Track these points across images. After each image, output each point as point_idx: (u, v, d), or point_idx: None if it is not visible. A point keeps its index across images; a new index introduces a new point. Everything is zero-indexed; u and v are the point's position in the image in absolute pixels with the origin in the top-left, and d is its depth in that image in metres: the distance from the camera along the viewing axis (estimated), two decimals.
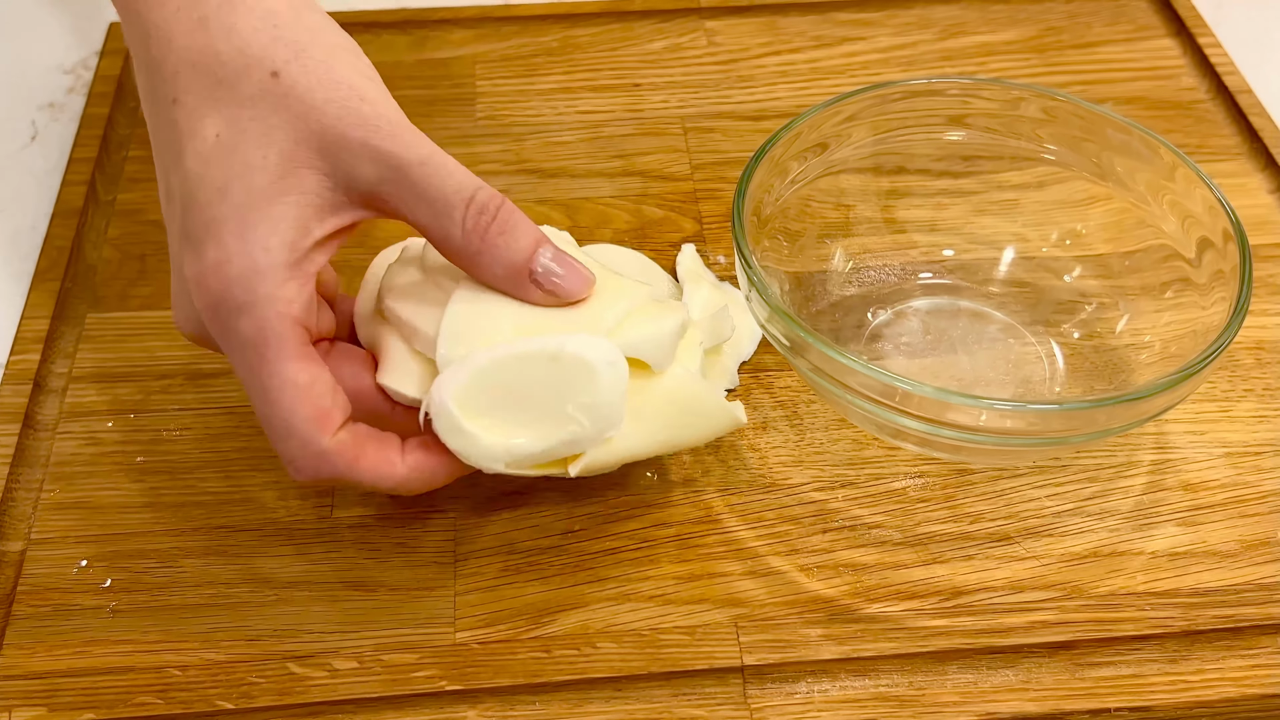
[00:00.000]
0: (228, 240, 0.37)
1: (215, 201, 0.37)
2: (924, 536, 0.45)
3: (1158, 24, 0.66)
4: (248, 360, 0.37)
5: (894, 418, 0.42)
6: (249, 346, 0.37)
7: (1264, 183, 0.58)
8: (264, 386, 0.37)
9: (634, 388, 0.40)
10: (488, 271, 0.39)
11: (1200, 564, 0.44)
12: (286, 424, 0.37)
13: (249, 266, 0.37)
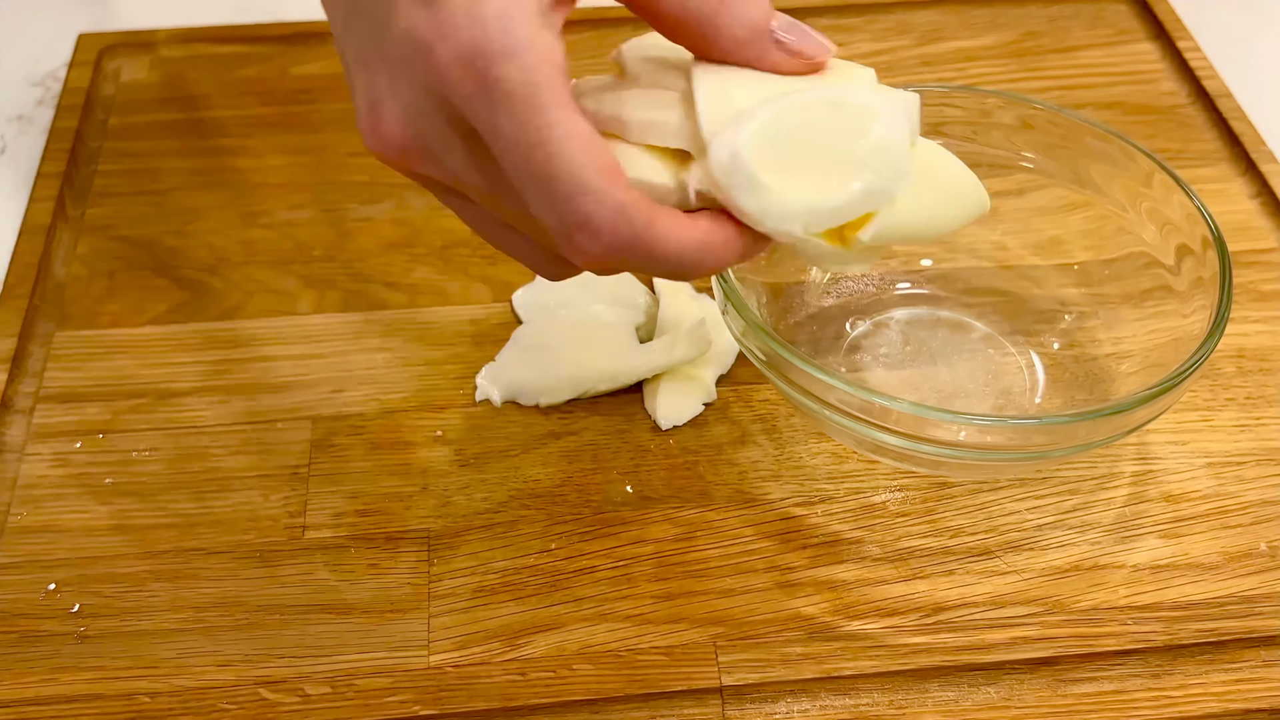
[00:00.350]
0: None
1: None
2: (904, 551, 0.45)
3: (1137, 28, 0.66)
4: (518, 114, 0.31)
5: (872, 433, 0.42)
6: (518, 98, 0.31)
7: (1244, 188, 0.58)
8: (543, 139, 0.31)
9: None
10: (726, 33, 0.34)
11: (1183, 576, 0.44)
12: (577, 177, 0.32)
13: (505, 7, 0.31)
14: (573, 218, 0.32)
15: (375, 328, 0.52)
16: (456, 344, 0.51)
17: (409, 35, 0.32)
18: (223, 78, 0.63)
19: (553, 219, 0.32)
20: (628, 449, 0.47)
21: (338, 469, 0.47)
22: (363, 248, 0.55)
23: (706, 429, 0.48)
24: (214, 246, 0.55)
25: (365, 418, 0.48)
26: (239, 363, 0.50)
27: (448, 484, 0.46)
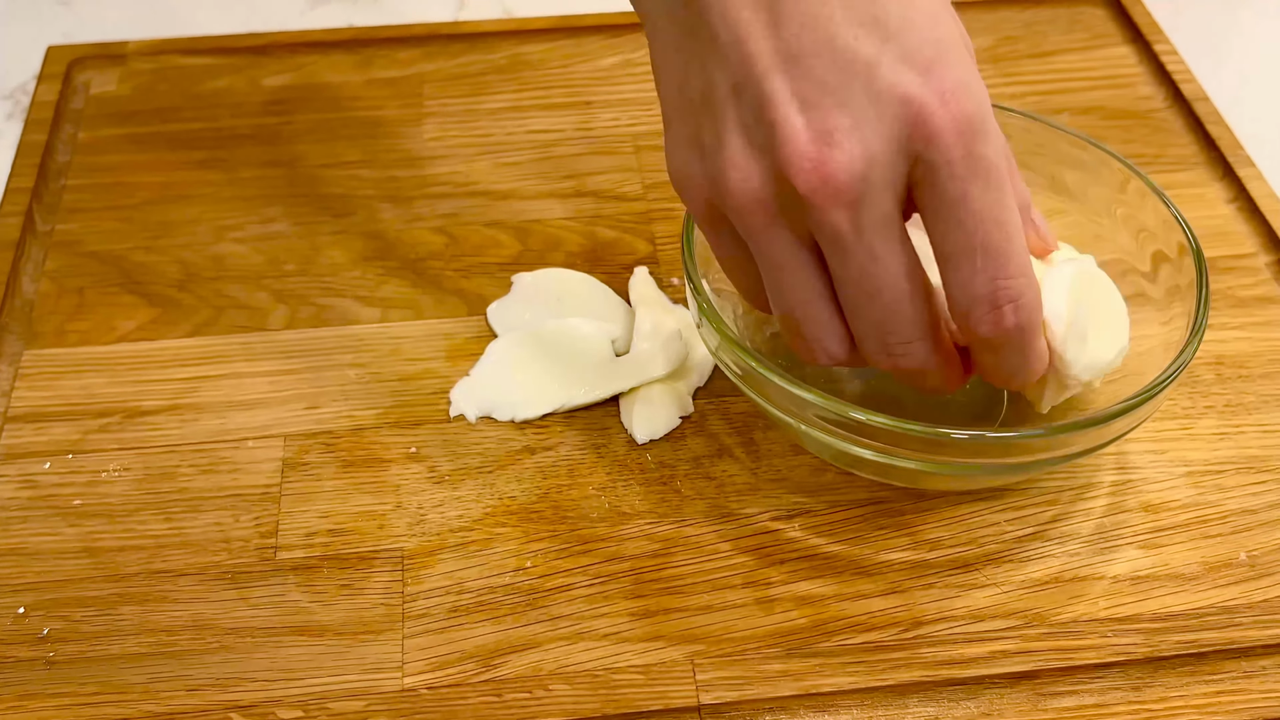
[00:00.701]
0: (965, 67, 0.36)
1: (935, 26, 0.35)
2: (883, 565, 0.44)
3: (1114, 31, 0.66)
4: (993, 189, 0.36)
5: (849, 447, 0.42)
6: (994, 174, 0.36)
7: (1222, 192, 0.58)
8: (1007, 219, 0.36)
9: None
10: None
11: (1162, 587, 0.44)
12: (1025, 259, 0.37)
13: (986, 96, 0.36)
14: (1007, 293, 0.36)
15: (348, 343, 0.51)
16: (430, 359, 0.50)
17: (899, 92, 0.35)
18: (193, 90, 0.62)
19: (985, 289, 0.36)
20: (604, 463, 0.47)
21: (310, 488, 0.46)
22: (335, 262, 0.54)
23: (683, 442, 0.48)
24: (185, 262, 0.54)
25: (337, 435, 0.48)
26: (209, 380, 0.50)
27: (422, 501, 0.46)
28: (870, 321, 0.38)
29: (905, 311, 0.38)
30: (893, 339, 0.38)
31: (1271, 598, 0.43)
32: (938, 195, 0.36)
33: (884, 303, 0.38)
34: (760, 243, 0.38)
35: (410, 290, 0.53)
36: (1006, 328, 0.37)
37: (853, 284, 0.38)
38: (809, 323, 0.39)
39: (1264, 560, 0.44)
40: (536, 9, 0.68)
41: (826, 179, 0.35)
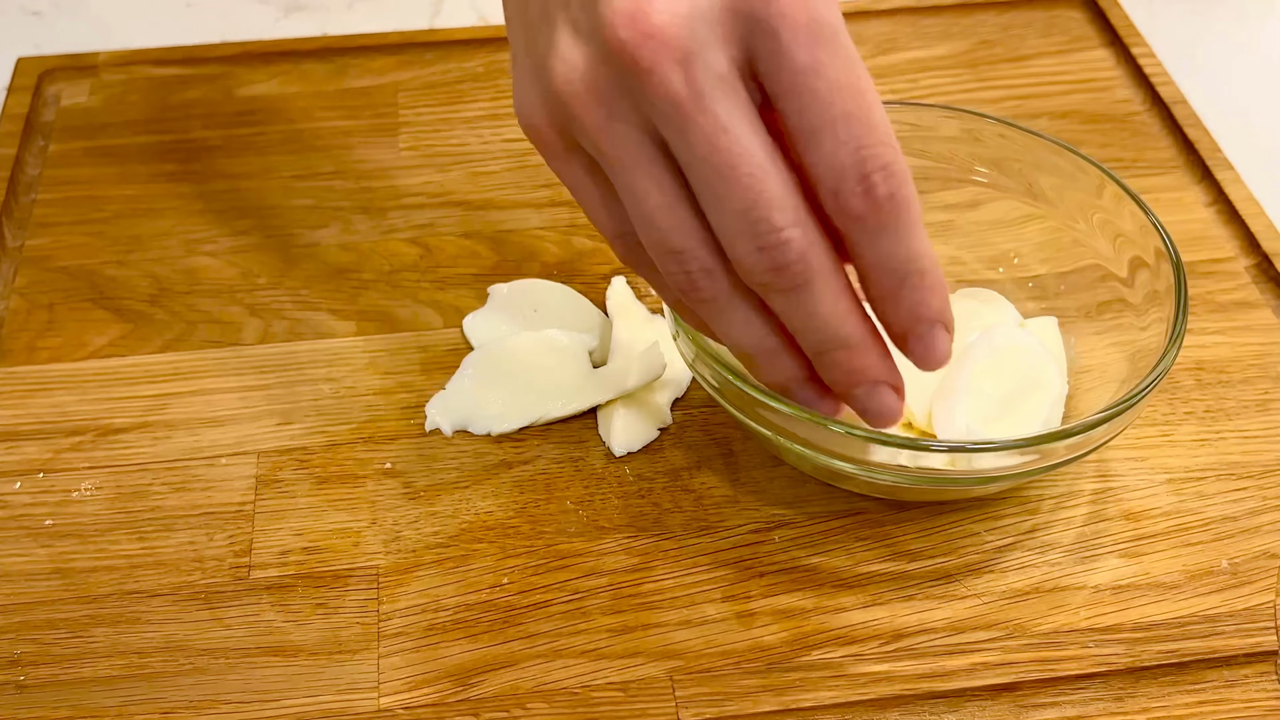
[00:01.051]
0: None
1: None
2: (863, 577, 0.44)
3: (1091, 35, 0.66)
4: (844, 55, 0.33)
5: (826, 460, 0.41)
6: (842, 40, 0.33)
7: (1200, 196, 0.57)
8: (864, 86, 0.33)
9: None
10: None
11: (1144, 596, 0.43)
12: (887, 128, 0.33)
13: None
14: (876, 161, 0.32)
15: (321, 357, 0.50)
16: (405, 372, 0.50)
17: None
18: (165, 101, 0.62)
19: (850, 159, 0.32)
20: (581, 477, 0.47)
21: (283, 505, 0.46)
22: (309, 274, 0.54)
23: (661, 454, 0.47)
24: (156, 276, 0.53)
25: (311, 451, 0.47)
26: (181, 397, 0.49)
27: (397, 518, 0.45)
28: (733, 211, 0.33)
29: (771, 190, 0.33)
30: (763, 228, 0.33)
31: (1253, 605, 0.43)
32: (786, 64, 0.32)
33: (742, 181, 0.33)
34: (604, 144, 0.34)
35: (385, 303, 0.52)
36: (878, 198, 0.33)
37: (702, 163, 0.33)
38: (672, 232, 0.34)
39: (1245, 568, 0.44)
40: None
41: (649, 34, 0.32)
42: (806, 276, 0.34)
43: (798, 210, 0.34)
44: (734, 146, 0.33)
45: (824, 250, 0.34)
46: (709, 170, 0.33)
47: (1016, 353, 0.44)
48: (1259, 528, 0.45)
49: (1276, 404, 0.49)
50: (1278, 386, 0.49)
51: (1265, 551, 0.44)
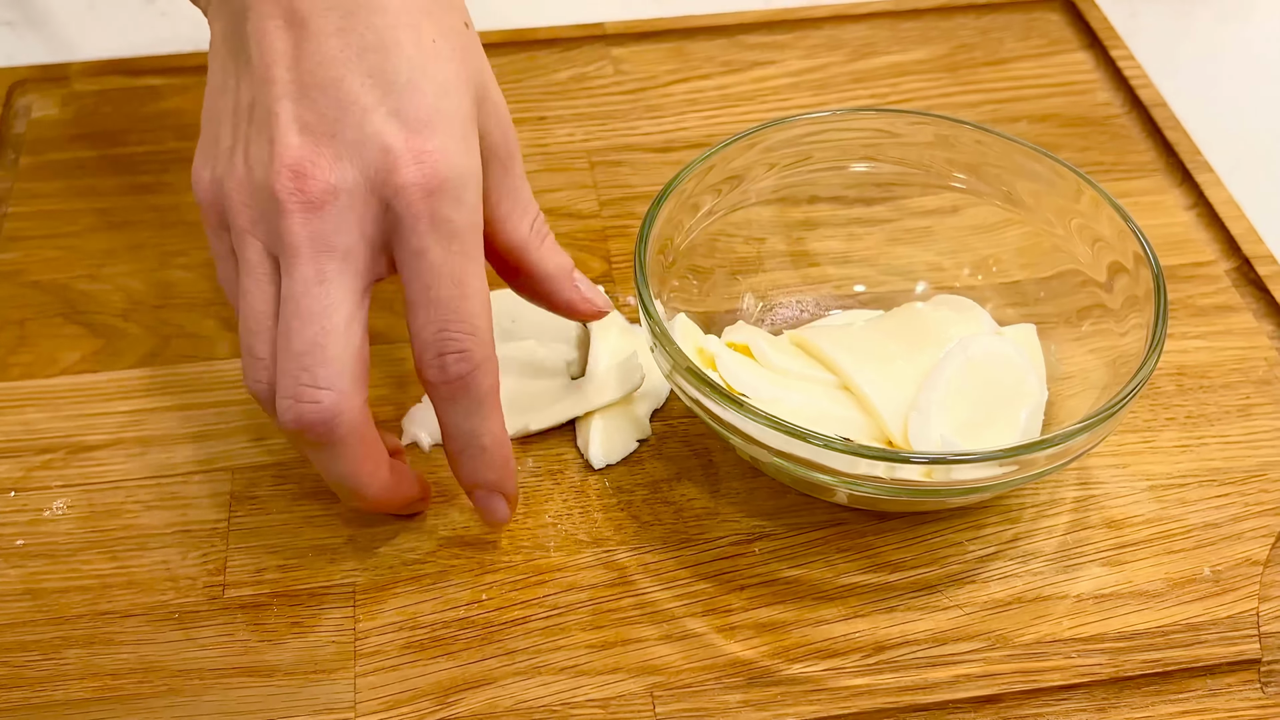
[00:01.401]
0: (454, 138, 0.38)
1: (440, 96, 0.39)
2: (844, 589, 0.44)
3: (1070, 37, 0.65)
4: (453, 246, 0.38)
5: (808, 474, 0.41)
6: (457, 234, 0.38)
7: (1181, 199, 0.57)
8: (464, 279, 0.38)
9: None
10: (539, 267, 0.44)
11: (1126, 605, 0.43)
12: (477, 316, 0.39)
13: (470, 169, 0.39)
14: (454, 343, 0.38)
15: None
16: (382, 385, 0.49)
17: (381, 140, 0.38)
18: (138, 112, 0.61)
19: (433, 336, 0.39)
20: (560, 491, 0.46)
21: (259, 522, 0.45)
22: None
23: (641, 467, 0.47)
24: (129, 290, 0.53)
25: (287, 467, 0.47)
26: (155, 413, 0.48)
27: (374, 534, 0.45)
28: (292, 351, 0.38)
29: (332, 350, 0.38)
30: (305, 377, 0.38)
31: (1236, 614, 0.43)
32: (403, 245, 0.38)
33: (310, 333, 0.38)
34: (240, 245, 0.39)
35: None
36: (449, 376, 0.39)
37: (290, 300, 0.38)
38: (248, 332, 0.39)
39: (1228, 575, 0.44)
40: (489, 23, 0.67)
41: (300, 189, 0.37)
42: (331, 438, 0.38)
43: (345, 377, 0.38)
44: (319, 300, 0.38)
45: (356, 417, 0.39)
46: (290, 310, 0.38)
47: (993, 361, 0.44)
48: (1241, 534, 0.45)
49: (1258, 409, 0.49)
50: (1259, 391, 0.49)
51: (1247, 558, 0.44)
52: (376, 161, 0.38)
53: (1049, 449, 0.40)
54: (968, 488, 0.41)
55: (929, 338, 0.45)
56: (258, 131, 0.39)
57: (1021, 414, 0.43)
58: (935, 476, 0.40)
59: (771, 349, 0.46)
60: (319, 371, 0.38)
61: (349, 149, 0.38)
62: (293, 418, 0.38)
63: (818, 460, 0.40)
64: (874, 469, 0.40)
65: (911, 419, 0.42)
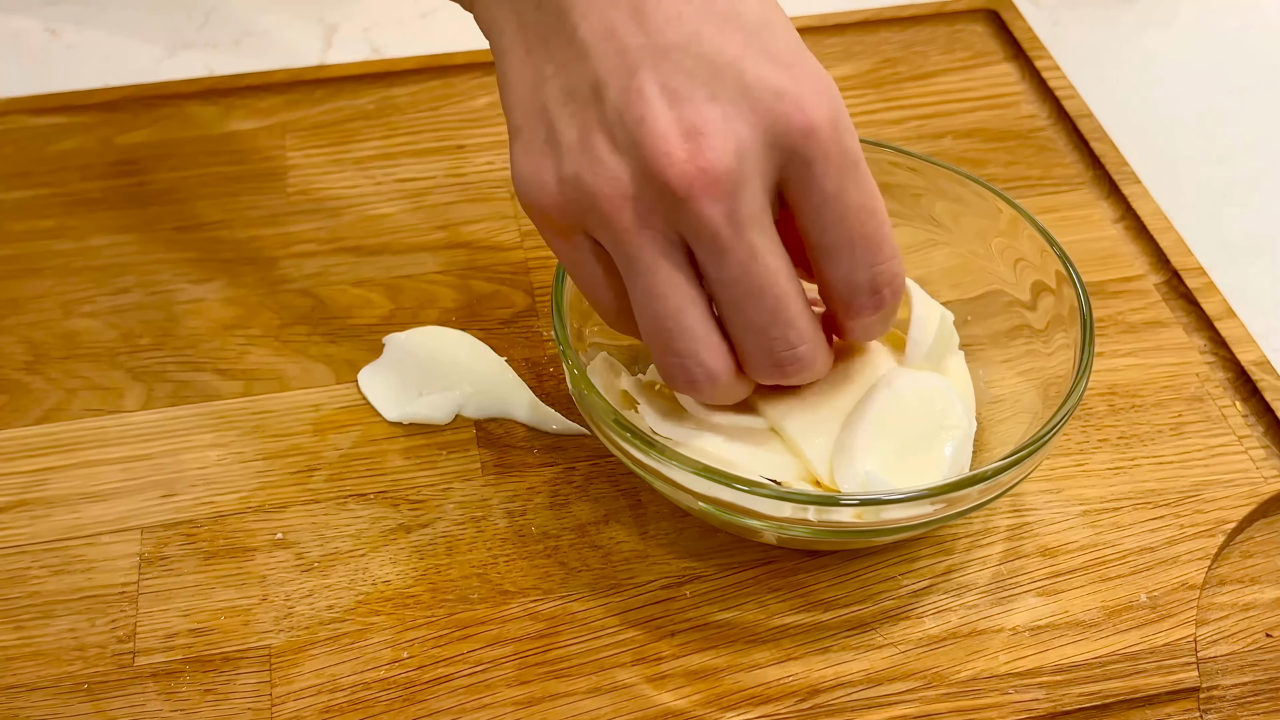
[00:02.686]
0: (819, 65, 0.37)
1: (789, 29, 0.37)
2: (777, 630, 0.42)
3: (995, 49, 0.65)
4: (864, 182, 0.37)
5: (735, 518, 0.40)
6: (863, 168, 0.37)
7: (1109, 212, 0.57)
8: (878, 208, 0.37)
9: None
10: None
11: (1063, 636, 0.42)
12: (891, 236, 0.38)
13: (839, 92, 0.37)
14: (886, 276, 0.38)
15: (208, 422, 0.48)
16: (296, 434, 0.48)
17: (771, 85, 0.35)
18: (41, 152, 0.59)
19: (865, 276, 0.37)
20: (484, 539, 0.45)
21: (169, 584, 0.43)
22: (194, 332, 0.51)
23: (567, 509, 0.46)
24: (32, 341, 0.51)
25: (198, 524, 0.45)
26: (60, 471, 0.46)
27: (289, 592, 0.43)
28: (755, 327, 0.37)
29: (791, 312, 0.37)
30: (779, 345, 0.37)
31: (1174, 640, 0.42)
32: (815, 190, 0.36)
33: (768, 304, 0.36)
34: (628, 246, 0.36)
35: (275, 359, 0.50)
36: (884, 301, 0.39)
37: (732, 285, 0.36)
38: (683, 335, 0.37)
39: (1165, 601, 0.43)
40: (407, 48, 0.66)
41: (702, 170, 0.34)
42: (803, 374, 0.39)
43: (809, 325, 0.38)
44: (763, 273, 0.36)
45: (822, 348, 0.39)
46: (738, 292, 0.36)
47: (919, 395, 0.43)
48: (1177, 558, 0.44)
49: (1190, 427, 0.48)
50: (1191, 409, 0.49)
51: (1184, 582, 0.44)
52: (773, 110, 0.35)
53: (978, 485, 0.39)
54: (897, 527, 0.40)
55: (857, 373, 0.44)
56: (616, 113, 0.35)
57: (949, 447, 0.42)
58: (865, 517, 0.39)
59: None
60: (789, 335, 0.37)
61: (735, 105, 0.35)
62: (775, 371, 0.38)
63: (743, 504, 0.39)
64: (802, 512, 0.39)
65: (836, 459, 0.41)
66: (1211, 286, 0.53)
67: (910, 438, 0.42)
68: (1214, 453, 0.47)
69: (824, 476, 0.41)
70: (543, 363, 0.50)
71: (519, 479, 0.46)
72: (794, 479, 0.42)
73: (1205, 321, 0.52)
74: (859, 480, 0.40)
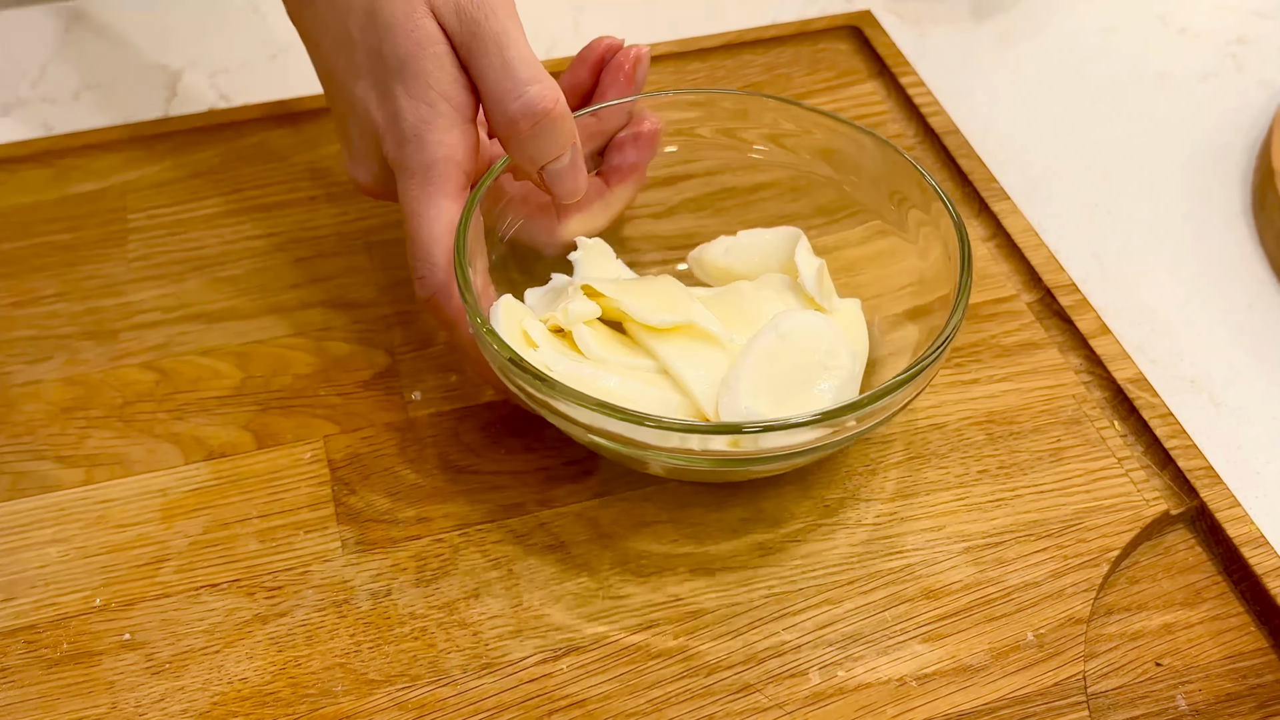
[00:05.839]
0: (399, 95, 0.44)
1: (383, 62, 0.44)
2: (659, 700, 0.41)
3: (859, 66, 0.64)
4: (408, 190, 0.44)
5: (623, 449, 0.41)
6: (413, 179, 0.44)
7: (979, 230, 0.56)
8: (413, 212, 0.44)
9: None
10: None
11: (951, 683, 0.41)
12: (429, 247, 0.44)
13: (428, 116, 0.44)
14: (415, 269, 0.45)
15: (47, 515, 0.45)
16: (143, 522, 0.45)
17: (366, 110, 0.46)
18: None
19: (409, 262, 0.45)
20: (346, 624, 0.42)
21: (10, 698, 0.40)
22: (30, 417, 0.48)
23: (435, 586, 0.43)
24: None
25: (39, 629, 0.42)
26: None
27: (140, 698, 0.40)
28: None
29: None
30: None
31: (1062, 680, 0.41)
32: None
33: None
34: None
35: (118, 442, 0.47)
36: (423, 302, 0.45)
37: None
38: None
39: (1051, 638, 0.42)
40: (256, 93, 0.63)
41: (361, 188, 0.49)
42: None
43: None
44: None
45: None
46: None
47: (803, 335, 0.44)
48: (1061, 591, 0.43)
49: (1069, 452, 0.47)
50: (1069, 432, 0.48)
51: (1070, 617, 0.43)
52: (370, 132, 0.47)
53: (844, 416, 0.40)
54: (776, 454, 0.41)
55: (748, 316, 0.46)
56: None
57: (826, 385, 0.44)
58: (743, 445, 0.40)
59: (592, 337, 0.45)
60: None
61: (356, 128, 0.48)
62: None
63: (630, 436, 0.40)
64: (686, 441, 0.40)
65: (721, 396, 0.43)
66: (1085, 304, 0.52)
67: (792, 376, 0.44)
68: (1094, 477, 0.47)
69: (710, 413, 0.43)
70: (404, 427, 0.48)
71: (383, 556, 0.44)
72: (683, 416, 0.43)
73: (1080, 340, 0.51)
74: (741, 415, 0.42)
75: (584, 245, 0.48)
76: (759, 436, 0.40)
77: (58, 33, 0.67)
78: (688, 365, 0.44)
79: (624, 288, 0.46)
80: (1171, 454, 0.47)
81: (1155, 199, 0.59)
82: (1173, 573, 0.45)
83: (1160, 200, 0.59)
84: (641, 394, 0.44)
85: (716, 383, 0.44)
